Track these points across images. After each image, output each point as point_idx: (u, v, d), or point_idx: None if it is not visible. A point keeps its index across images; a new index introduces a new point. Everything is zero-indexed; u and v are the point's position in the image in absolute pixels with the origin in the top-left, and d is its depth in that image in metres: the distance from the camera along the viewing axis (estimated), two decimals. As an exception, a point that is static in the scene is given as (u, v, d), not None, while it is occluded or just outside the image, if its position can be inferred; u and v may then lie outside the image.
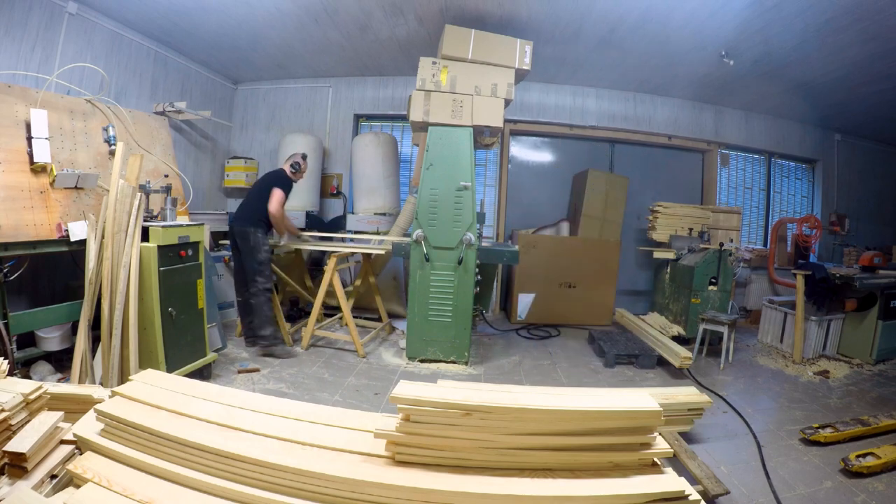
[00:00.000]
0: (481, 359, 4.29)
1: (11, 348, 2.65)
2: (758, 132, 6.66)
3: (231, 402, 1.82)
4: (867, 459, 2.52)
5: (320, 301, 4.23)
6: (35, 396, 1.76)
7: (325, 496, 1.45)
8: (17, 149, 2.97)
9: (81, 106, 3.51)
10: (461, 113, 3.95)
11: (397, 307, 5.45)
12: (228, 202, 6.44)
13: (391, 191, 5.65)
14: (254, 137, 6.50)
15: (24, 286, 3.33)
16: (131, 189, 2.97)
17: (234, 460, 1.50)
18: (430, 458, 1.51)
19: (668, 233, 5.73)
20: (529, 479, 1.47)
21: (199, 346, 3.34)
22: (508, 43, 4.04)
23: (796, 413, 3.37)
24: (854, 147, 7.09)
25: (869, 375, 4.30)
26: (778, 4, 3.67)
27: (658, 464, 1.56)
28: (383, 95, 6.33)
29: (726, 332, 4.37)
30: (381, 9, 4.27)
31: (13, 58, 3.47)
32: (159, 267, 2.95)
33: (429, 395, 1.50)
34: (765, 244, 6.85)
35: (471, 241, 3.86)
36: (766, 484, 2.39)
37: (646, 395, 1.62)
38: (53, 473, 1.60)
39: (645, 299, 6.38)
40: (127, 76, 4.57)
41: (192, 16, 4.38)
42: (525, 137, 6.67)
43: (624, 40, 4.64)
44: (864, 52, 4.30)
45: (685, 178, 6.74)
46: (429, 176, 3.92)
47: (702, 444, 2.80)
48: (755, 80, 5.37)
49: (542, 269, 5.66)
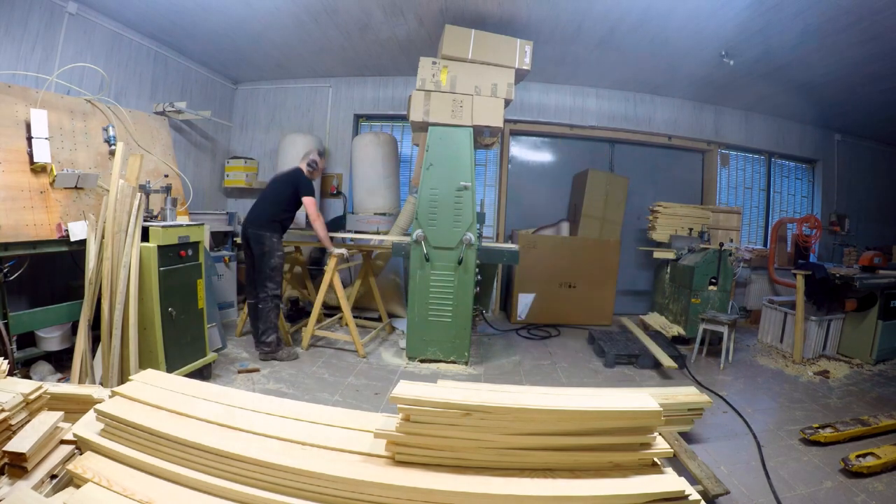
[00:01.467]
0: (481, 359, 4.29)
1: (11, 348, 2.65)
2: (758, 132, 6.67)
3: (231, 402, 1.82)
4: (867, 459, 2.52)
5: (321, 301, 4.23)
6: (35, 396, 1.76)
7: (325, 496, 1.45)
8: (17, 149, 2.97)
9: (81, 106, 3.50)
10: (461, 113, 3.95)
11: (397, 307, 5.45)
12: (228, 202, 6.44)
13: (391, 191, 5.65)
14: (254, 137, 6.49)
15: (24, 286, 3.32)
16: (131, 189, 2.97)
17: (234, 460, 1.50)
18: (430, 458, 1.51)
19: (668, 233, 5.73)
20: (529, 479, 1.47)
21: (199, 346, 3.34)
22: (508, 43, 4.04)
23: (796, 413, 3.37)
24: (854, 147, 7.09)
25: (869, 375, 4.30)
26: (778, 4, 3.67)
27: (658, 464, 1.56)
28: (383, 95, 6.33)
29: (726, 332, 4.37)
30: (381, 9, 4.27)
31: (13, 58, 3.47)
32: (159, 267, 2.95)
33: (429, 395, 1.51)
34: (765, 244, 6.85)
35: (471, 241, 3.86)
36: (766, 484, 2.39)
37: (646, 396, 1.62)
38: (53, 473, 1.60)
39: (645, 299, 6.38)
40: (127, 76, 4.57)
41: (192, 16, 4.38)
42: (525, 137, 6.67)
43: (624, 40, 4.64)
44: (864, 53, 4.30)
45: (685, 178, 6.74)
46: (429, 176, 3.92)
47: (702, 444, 2.80)
48: (755, 80, 5.37)
49: (542, 269, 5.66)
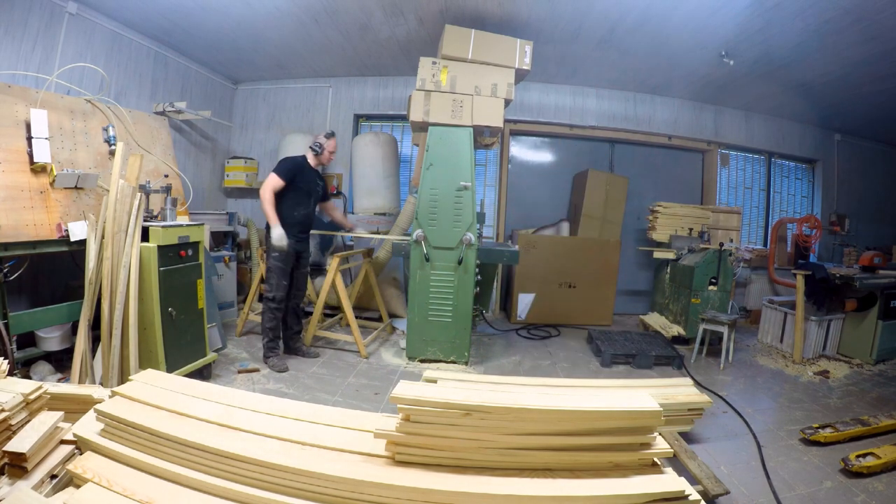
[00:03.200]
0: (481, 359, 4.29)
1: (11, 348, 2.65)
2: (758, 132, 6.66)
3: (231, 402, 1.82)
4: (867, 459, 2.52)
5: (322, 301, 4.23)
6: (35, 396, 1.76)
7: (325, 496, 1.45)
8: (17, 149, 2.97)
9: (81, 106, 3.50)
10: (461, 113, 3.95)
11: (397, 307, 5.45)
12: (228, 202, 6.44)
13: (391, 191, 5.65)
14: (254, 137, 6.49)
15: (24, 286, 3.33)
16: (131, 189, 2.97)
17: (234, 460, 1.50)
18: (429, 458, 1.51)
19: (668, 233, 5.73)
20: (529, 479, 1.47)
21: (199, 346, 3.34)
22: (508, 43, 4.04)
23: (796, 413, 3.37)
24: (854, 147, 7.09)
25: (869, 375, 4.30)
26: (778, 4, 3.67)
27: (658, 464, 1.56)
28: (383, 95, 6.33)
29: (726, 332, 4.37)
30: (381, 9, 4.27)
31: (13, 58, 3.47)
32: (159, 267, 2.95)
33: (429, 395, 1.50)
34: (765, 244, 6.85)
35: (471, 241, 3.86)
36: (766, 484, 2.39)
37: (646, 396, 1.62)
38: (53, 473, 1.60)
39: (645, 299, 6.38)
40: (127, 76, 4.57)
41: (192, 16, 4.37)
42: (525, 137, 6.67)
43: (624, 40, 4.64)
44: (864, 53, 4.30)
45: (685, 178, 6.74)
46: (429, 176, 3.92)
47: (702, 444, 2.80)
48: (755, 80, 5.37)
49: (542, 269, 5.66)
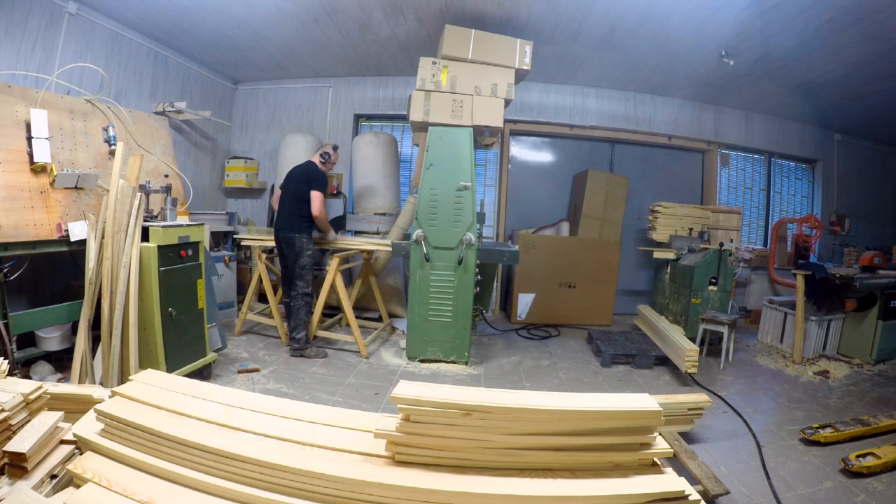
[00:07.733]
0: (481, 359, 4.29)
1: (11, 348, 2.65)
2: (758, 132, 6.66)
3: (231, 402, 1.82)
4: (867, 459, 2.52)
5: (322, 302, 4.23)
6: (35, 396, 1.76)
7: (325, 496, 1.45)
8: (17, 149, 2.97)
9: (81, 106, 3.50)
10: (461, 113, 3.95)
11: (397, 307, 5.44)
12: (228, 202, 6.44)
13: (391, 191, 5.65)
14: (254, 137, 6.49)
15: (24, 286, 3.33)
16: (131, 189, 2.97)
17: (234, 460, 1.50)
18: (430, 458, 1.51)
19: (668, 233, 5.73)
20: (529, 479, 1.47)
21: (199, 346, 3.34)
22: (508, 43, 4.04)
23: (796, 413, 3.37)
24: (854, 147, 7.09)
25: (869, 375, 4.30)
26: (778, 4, 3.67)
27: (658, 464, 1.56)
28: (383, 95, 6.33)
29: (726, 332, 4.37)
30: (381, 9, 4.27)
31: (13, 58, 3.47)
32: (159, 267, 2.95)
33: (429, 395, 1.50)
34: (765, 244, 6.85)
35: (471, 241, 3.86)
36: (766, 484, 2.39)
37: (646, 396, 1.62)
38: (53, 473, 1.60)
39: (645, 299, 6.37)
40: (127, 76, 4.57)
41: (192, 16, 4.37)
42: (525, 137, 6.66)
43: (624, 40, 4.64)
44: (864, 52, 4.30)
45: (685, 178, 6.74)
46: (429, 176, 3.92)
47: (702, 444, 2.80)
48: (755, 80, 5.37)
49: (542, 269, 5.66)
